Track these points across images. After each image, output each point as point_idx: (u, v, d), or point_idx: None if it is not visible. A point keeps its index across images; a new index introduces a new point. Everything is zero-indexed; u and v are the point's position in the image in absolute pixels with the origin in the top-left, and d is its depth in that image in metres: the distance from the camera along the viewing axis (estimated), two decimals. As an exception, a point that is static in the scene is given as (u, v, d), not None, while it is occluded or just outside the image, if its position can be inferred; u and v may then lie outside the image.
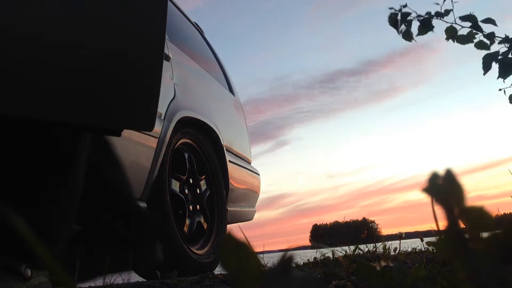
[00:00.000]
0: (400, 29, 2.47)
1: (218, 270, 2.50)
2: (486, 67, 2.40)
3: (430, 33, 2.50)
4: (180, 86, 2.63)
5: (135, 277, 2.30)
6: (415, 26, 2.50)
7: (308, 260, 2.13)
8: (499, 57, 2.37)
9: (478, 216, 0.41)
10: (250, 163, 3.83)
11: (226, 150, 3.07)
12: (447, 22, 2.44)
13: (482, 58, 2.41)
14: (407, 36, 2.50)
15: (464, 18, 2.39)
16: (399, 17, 2.47)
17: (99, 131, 1.07)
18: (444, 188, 0.42)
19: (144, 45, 1.03)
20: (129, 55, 1.01)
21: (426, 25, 2.45)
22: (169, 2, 3.28)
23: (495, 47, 2.43)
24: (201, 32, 3.96)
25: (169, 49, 2.64)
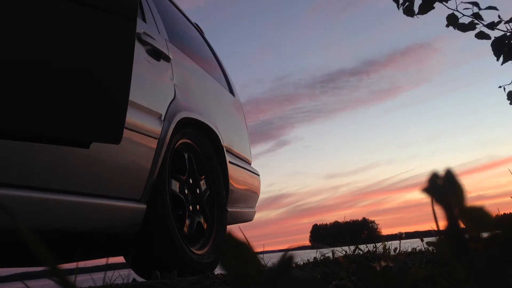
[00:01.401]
0: (400, 3, 2.44)
1: (218, 270, 2.50)
2: (498, 53, 2.36)
3: (430, 32, 2.51)
4: (180, 87, 2.63)
5: (135, 277, 2.30)
6: (416, 4, 2.46)
7: (308, 260, 2.13)
8: (506, 41, 2.34)
9: (478, 216, 0.41)
10: (250, 164, 3.83)
11: (226, 150, 3.06)
12: (448, 8, 2.42)
13: (491, 45, 2.38)
14: (409, 11, 2.46)
15: (467, 3, 2.36)
16: None
17: (69, 143, 1.16)
18: (444, 188, 0.42)
19: (113, 66, 1.14)
20: (99, 75, 1.12)
21: (427, 2, 2.41)
22: (169, 2, 3.29)
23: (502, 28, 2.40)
24: (201, 32, 3.96)
25: (169, 49, 2.64)
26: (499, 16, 2.38)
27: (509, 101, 2.61)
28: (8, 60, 0.95)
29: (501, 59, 2.39)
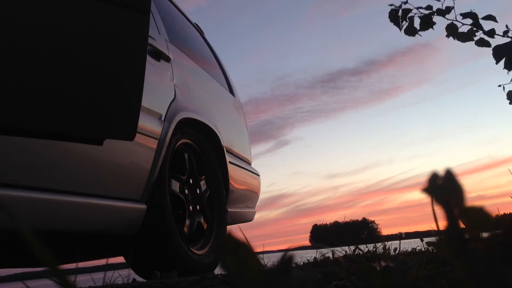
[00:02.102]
0: (401, 25, 2.46)
1: (218, 270, 2.50)
2: (498, 57, 2.37)
3: (431, 31, 2.50)
4: (180, 87, 2.63)
5: (135, 277, 2.30)
6: (416, 22, 2.49)
7: (308, 260, 2.13)
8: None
9: (478, 216, 0.41)
10: (250, 164, 3.83)
11: (226, 151, 3.06)
12: (448, 19, 2.44)
13: (493, 49, 2.39)
14: (410, 31, 2.48)
15: (465, 15, 2.38)
16: (400, 13, 2.46)
17: (83, 140, 1.16)
18: (444, 188, 0.42)
19: (127, 60, 1.13)
20: (113, 70, 1.11)
21: (426, 22, 2.43)
22: (169, 2, 3.29)
23: (506, 38, 2.41)
24: (201, 32, 3.96)
25: (169, 50, 2.64)
26: (506, 26, 2.39)
27: (509, 101, 2.61)
28: (20, 59, 0.95)
29: (501, 63, 2.40)
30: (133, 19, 1.11)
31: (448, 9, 2.39)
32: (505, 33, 2.40)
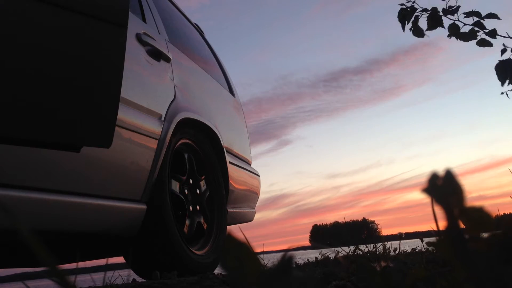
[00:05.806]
0: (407, 26, 2.44)
1: (218, 270, 2.50)
2: (502, 78, 2.34)
3: (434, 31, 2.48)
4: (180, 87, 2.63)
5: (135, 277, 2.30)
6: (422, 22, 2.47)
7: (308, 260, 2.13)
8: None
9: (478, 216, 0.41)
10: (250, 164, 3.83)
11: (226, 151, 3.06)
12: (450, 19, 2.43)
13: (495, 68, 2.35)
14: (418, 32, 2.47)
15: (468, 14, 2.37)
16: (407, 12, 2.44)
17: (60, 147, 1.19)
18: (444, 188, 0.42)
19: (104, 71, 1.18)
20: (90, 80, 1.16)
21: (435, 20, 2.40)
22: (169, 2, 3.29)
23: (507, 55, 2.39)
24: (201, 32, 3.97)
25: (169, 50, 2.64)
26: (507, 33, 2.37)
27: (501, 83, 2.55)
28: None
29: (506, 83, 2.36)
30: (111, 31, 1.17)
31: (453, 10, 2.37)
32: (503, 52, 2.37)
